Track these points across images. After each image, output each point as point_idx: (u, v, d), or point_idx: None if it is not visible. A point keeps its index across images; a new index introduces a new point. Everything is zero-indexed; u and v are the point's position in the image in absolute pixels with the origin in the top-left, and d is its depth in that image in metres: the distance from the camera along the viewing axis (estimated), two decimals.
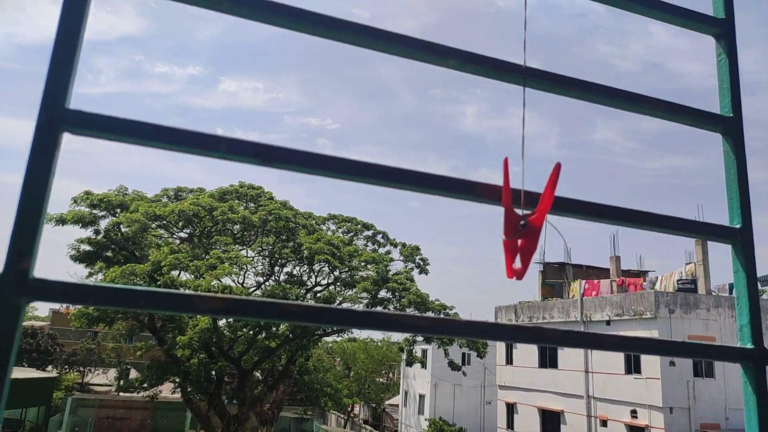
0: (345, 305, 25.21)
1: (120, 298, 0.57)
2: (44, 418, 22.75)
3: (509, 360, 32.83)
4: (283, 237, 24.54)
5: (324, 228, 28.07)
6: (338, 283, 26.15)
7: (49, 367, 44.99)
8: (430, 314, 24.61)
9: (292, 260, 25.60)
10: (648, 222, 0.91)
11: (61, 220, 23.52)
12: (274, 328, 23.22)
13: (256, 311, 0.62)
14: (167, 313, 0.58)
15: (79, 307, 22.10)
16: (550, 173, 0.89)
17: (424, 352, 40.00)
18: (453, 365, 26.99)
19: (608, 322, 27.05)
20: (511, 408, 31.81)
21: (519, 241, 0.89)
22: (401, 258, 27.90)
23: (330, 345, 55.23)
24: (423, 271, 27.65)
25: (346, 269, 25.50)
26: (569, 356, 28.48)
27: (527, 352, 30.84)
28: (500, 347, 33.29)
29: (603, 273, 34.21)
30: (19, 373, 22.53)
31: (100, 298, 0.57)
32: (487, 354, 29.70)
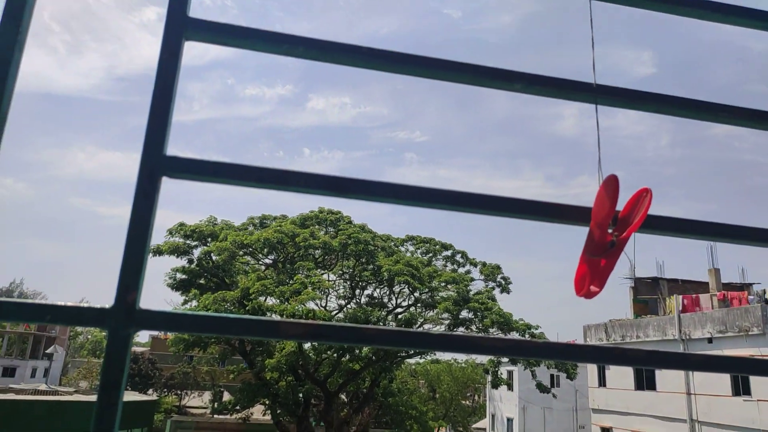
0: (426, 326, 25.09)
1: (214, 325, 0.62)
2: None
3: (602, 382, 31.21)
4: (363, 260, 24.86)
5: (402, 249, 28.18)
6: (419, 305, 26.08)
7: (150, 391, 47.72)
8: (514, 334, 23.94)
9: (373, 282, 25.85)
10: (753, 237, 0.86)
11: (158, 251, 25.14)
12: (357, 351, 23.45)
13: (337, 336, 0.65)
14: (256, 338, 0.62)
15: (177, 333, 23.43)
16: (638, 191, 0.86)
17: (510, 373, 38.83)
18: (541, 387, 26.02)
19: (710, 340, 25.14)
20: None
21: (601, 261, 0.87)
22: (481, 278, 27.45)
23: (413, 367, 54.93)
24: (504, 290, 27.04)
25: (426, 290, 25.41)
26: (668, 377, 26.69)
27: (622, 374, 29.19)
28: (592, 368, 31.73)
29: (701, 287, 31.91)
30: (126, 396, 24.06)
31: (198, 326, 0.63)
32: (577, 375, 28.40)
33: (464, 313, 25.03)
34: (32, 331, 55.72)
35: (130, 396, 24.61)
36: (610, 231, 0.87)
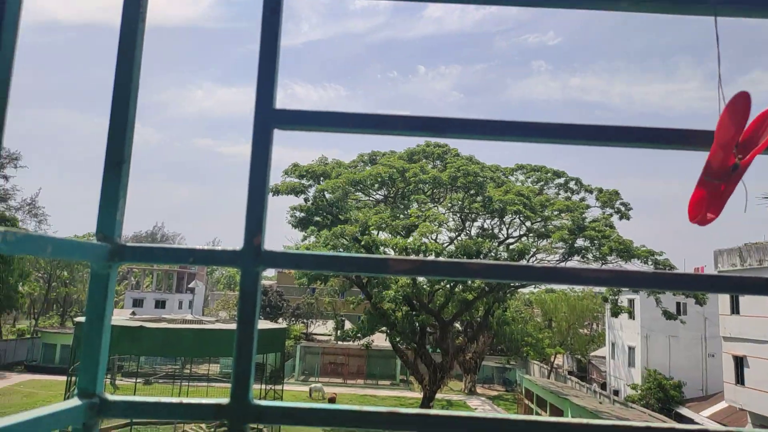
0: (539, 256, 24.62)
1: (330, 263, 0.69)
2: (280, 363, 26.61)
3: (735, 309, 29.15)
4: (472, 192, 24.66)
5: (512, 179, 27.51)
6: (531, 234, 25.61)
7: (280, 320, 52.02)
8: (635, 262, 22.86)
9: (483, 214, 25.67)
10: None
11: (276, 191, 26.63)
12: (470, 282, 23.74)
13: (442, 270, 0.69)
14: (368, 274, 0.67)
15: None
16: (764, 111, 0.79)
17: (631, 302, 37.42)
18: (668, 314, 24.92)
19: None
20: (740, 361, 28.40)
21: (721, 185, 0.82)
22: (598, 204, 26.21)
23: (527, 297, 54.67)
24: (624, 216, 25.67)
25: (539, 219, 24.81)
26: None
27: (757, 300, 27.04)
28: (723, 295, 29.66)
29: None
30: (260, 324, 26.49)
31: (315, 264, 0.70)
32: (707, 302, 26.78)
33: (580, 242, 24.24)
34: (176, 269, 62.25)
35: (263, 325, 27.07)
36: (733, 152, 0.81)
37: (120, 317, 27.97)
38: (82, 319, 24.85)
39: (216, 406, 0.65)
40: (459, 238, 26.53)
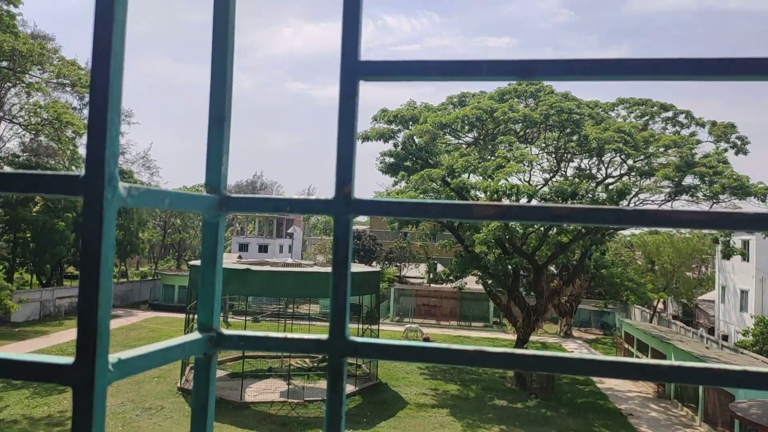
0: (642, 196, 23.27)
1: (416, 210, 0.71)
2: (375, 304, 27.67)
3: None
4: (567, 130, 23.53)
5: (613, 115, 25.88)
6: (633, 173, 24.19)
7: (373, 263, 53.58)
8: (751, 200, 21.06)
9: (579, 153, 24.52)
10: None
11: (366, 137, 26.89)
12: (565, 224, 23.04)
13: (528, 215, 0.69)
14: (452, 219, 0.69)
15: None
16: None
17: (745, 243, 34.71)
18: None
19: None
20: None
21: None
22: (710, 139, 24.13)
23: (628, 239, 52.24)
24: (740, 151, 23.50)
25: (642, 157, 23.32)
26: None
27: None
28: None
29: None
30: (355, 267, 27.54)
31: (402, 211, 0.72)
32: None
33: (688, 180, 22.61)
34: (276, 215, 65.50)
35: (357, 268, 28.08)
36: None
37: (228, 261, 30.12)
38: (195, 262, 26.94)
39: (316, 341, 0.71)
40: (554, 179, 25.63)
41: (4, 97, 42.87)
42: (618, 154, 23.25)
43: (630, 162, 24.17)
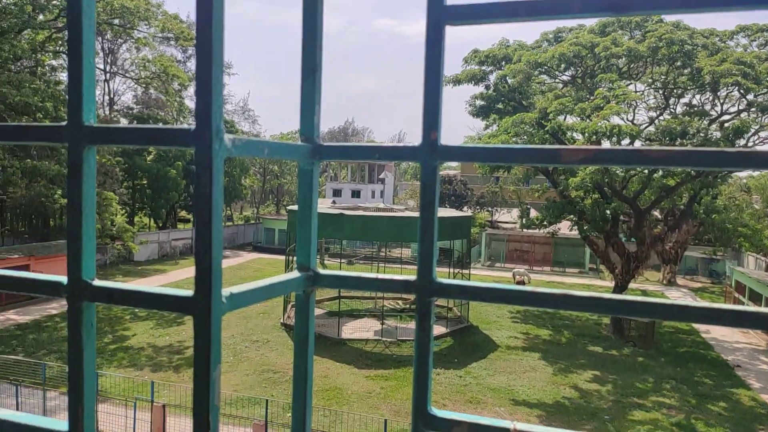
0: (762, 134, 21.11)
1: (503, 155, 0.72)
2: (466, 249, 27.68)
3: None
4: (678, 63, 21.56)
5: (731, 44, 23.31)
6: (753, 109, 21.90)
7: (464, 208, 53.22)
8: None
9: (691, 88, 22.50)
10: None
11: (457, 81, 26.21)
12: (659, 167, 21.47)
13: (619, 158, 0.67)
14: (540, 165, 0.68)
15: None
16: None
17: None
18: None
19: None
20: None
21: None
22: None
23: (744, 181, 47.92)
24: None
25: (764, 91, 21.01)
26: None
27: None
28: None
29: None
30: (445, 212, 27.58)
31: (488, 156, 0.73)
32: None
33: None
34: (366, 162, 66.37)
35: (448, 213, 28.05)
36: None
37: (323, 206, 31.19)
38: (293, 207, 28.12)
39: (405, 282, 0.75)
40: (660, 117, 23.80)
41: (117, 53, 45.85)
42: (736, 88, 21.07)
43: (750, 97, 21.87)
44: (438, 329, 23.96)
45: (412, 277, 0.74)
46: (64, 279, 0.69)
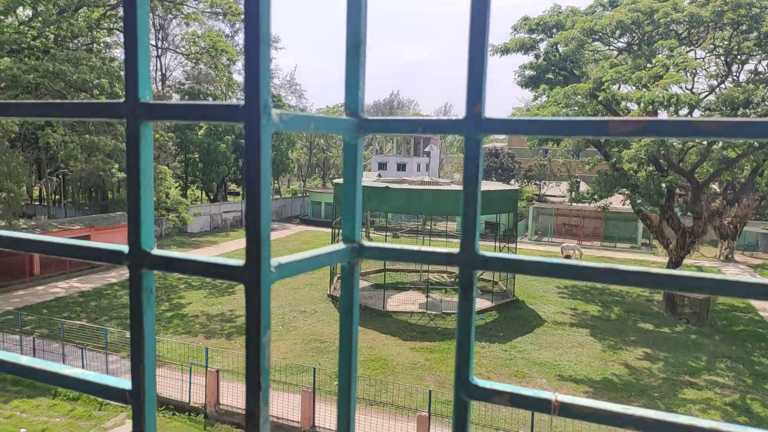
0: None
1: (549, 128, 0.71)
2: (513, 222, 27.32)
3: None
4: (743, 28, 20.30)
5: None
6: None
7: (512, 181, 52.32)
8: None
9: (757, 54, 21.18)
10: None
11: (505, 50, 25.53)
12: (715, 139, 20.41)
13: (670, 131, 0.65)
14: (586, 137, 0.66)
15: None
16: None
17: None
18: None
19: None
20: None
21: None
22: None
23: None
24: None
25: None
26: None
27: None
28: None
29: None
30: (491, 186, 27.21)
31: (533, 129, 0.72)
32: None
33: None
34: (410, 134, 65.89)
35: (494, 186, 27.66)
36: None
37: (368, 179, 31.30)
38: (338, 180, 28.39)
39: (448, 254, 0.76)
40: (722, 86, 22.58)
41: (168, 28, 46.79)
42: None
43: None
44: (483, 303, 23.90)
45: (455, 250, 0.75)
46: (125, 248, 0.73)
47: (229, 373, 15.85)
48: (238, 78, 41.68)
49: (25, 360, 0.85)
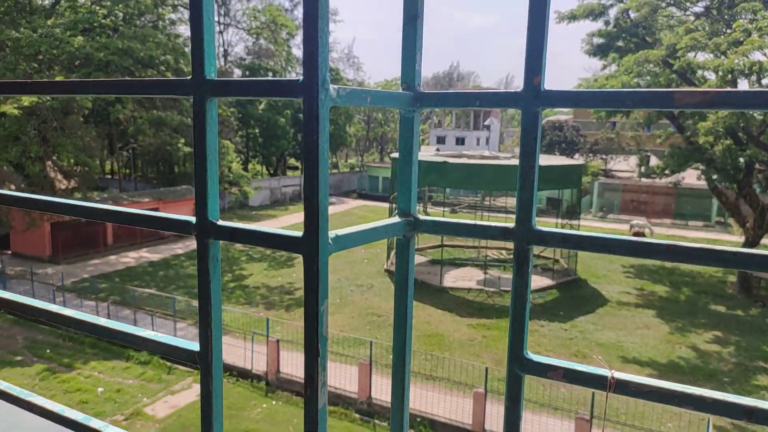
0: None
1: (611, 100, 0.69)
2: (577, 199, 26.48)
3: None
4: None
5: None
6: None
7: (576, 155, 50.62)
8: None
9: None
10: None
11: (572, 17, 24.48)
12: None
13: (741, 102, 0.62)
14: (649, 110, 0.63)
15: None
16: None
17: None
18: None
19: None
20: None
21: None
22: None
23: None
24: None
25: None
26: None
27: None
28: None
29: None
30: (554, 160, 26.44)
31: (596, 101, 0.70)
32: None
33: None
34: (467, 108, 64.67)
35: (558, 160, 26.86)
36: None
37: (426, 153, 31.11)
38: (396, 155, 28.42)
39: (503, 228, 0.76)
40: None
41: (229, 4, 47.63)
42: None
43: None
44: (543, 281, 23.48)
45: (511, 225, 0.75)
46: (192, 219, 0.77)
47: (289, 343, 16.40)
48: (297, 52, 42.10)
49: (104, 321, 0.92)
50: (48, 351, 16.68)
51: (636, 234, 30.24)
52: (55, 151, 24.02)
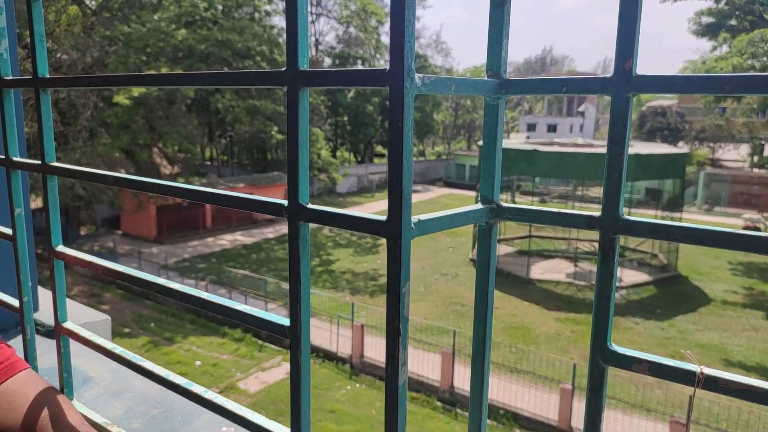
0: None
1: (707, 84, 0.65)
2: (680, 189, 24.78)
3: None
4: None
5: None
6: None
7: (680, 143, 47.34)
8: None
9: None
10: None
11: None
12: None
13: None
14: (751, 94, 0.59)
15: None
16: None
17: None
18: None
19: None
20: None
21: None
22: None
23: None
24: None
25: None
26: None
27: None
28: None
29: None
30: (654, 148, 24.87)
31: (690, 86, 0.67)
32: None
33: None
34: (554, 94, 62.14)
35: (660, 148, 25.23)
36: None
37: (515, 141, 30.30)
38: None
39: (589, 217, 0.75)
40: None
41: None
42: None
43: None
44: (640, 276, 22.30)
45: (597, 213, 0.73)
46: (284, 202, 0.83)
47: (373, 328, 16.71)
48: (386, 39, 42.30)
49: (206, 295, 1.01)
50: (152, 325, 18.10)
51: (748, 230, 27.84)
52: (161, 139, 25.81)
